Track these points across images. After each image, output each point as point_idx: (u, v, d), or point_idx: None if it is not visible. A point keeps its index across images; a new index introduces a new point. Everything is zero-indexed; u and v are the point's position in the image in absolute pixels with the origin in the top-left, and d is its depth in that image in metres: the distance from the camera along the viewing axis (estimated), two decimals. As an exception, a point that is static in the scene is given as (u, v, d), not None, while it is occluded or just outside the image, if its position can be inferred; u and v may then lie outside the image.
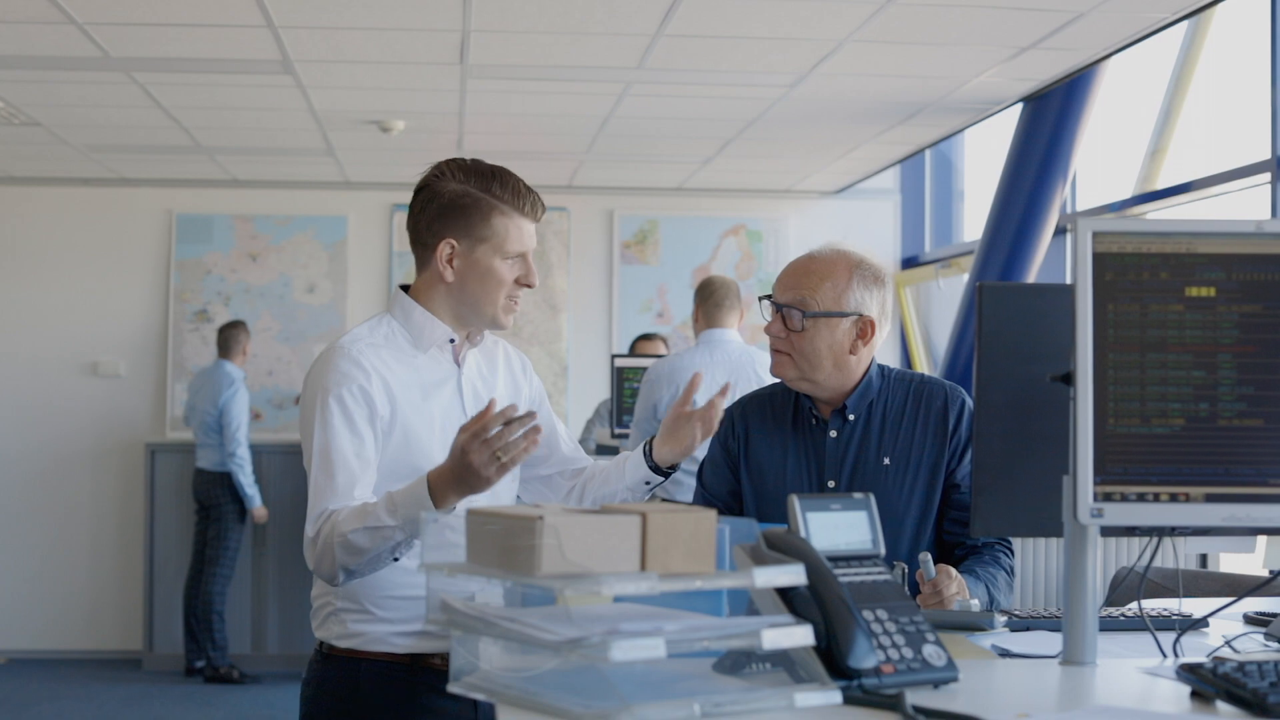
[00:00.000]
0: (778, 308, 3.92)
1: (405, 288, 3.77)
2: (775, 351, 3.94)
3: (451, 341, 3.73)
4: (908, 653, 2.52)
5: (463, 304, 3.69)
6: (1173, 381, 2.68)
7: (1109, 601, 4.41)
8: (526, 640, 2.30)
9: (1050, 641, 3.05)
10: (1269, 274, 2.69)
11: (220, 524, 10.91)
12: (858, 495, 2.71)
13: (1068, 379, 2.71)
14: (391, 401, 3.59)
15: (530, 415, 3.17)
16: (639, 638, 2.19)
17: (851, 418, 3.95)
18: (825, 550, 2.58)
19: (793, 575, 2.40)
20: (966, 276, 9.92)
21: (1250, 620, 3.48)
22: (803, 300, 3.88)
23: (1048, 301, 3.08)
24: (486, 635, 2.41)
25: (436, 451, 3.57)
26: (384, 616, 3.58)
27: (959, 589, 3.56)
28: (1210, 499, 2.67)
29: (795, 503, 2.64)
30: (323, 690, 3.70)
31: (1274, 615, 3.34)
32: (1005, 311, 3.13)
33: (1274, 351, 2.69)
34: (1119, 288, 2.68)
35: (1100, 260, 2.68)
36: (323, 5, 6.83)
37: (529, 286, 3.70)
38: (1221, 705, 2.42)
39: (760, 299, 4.02)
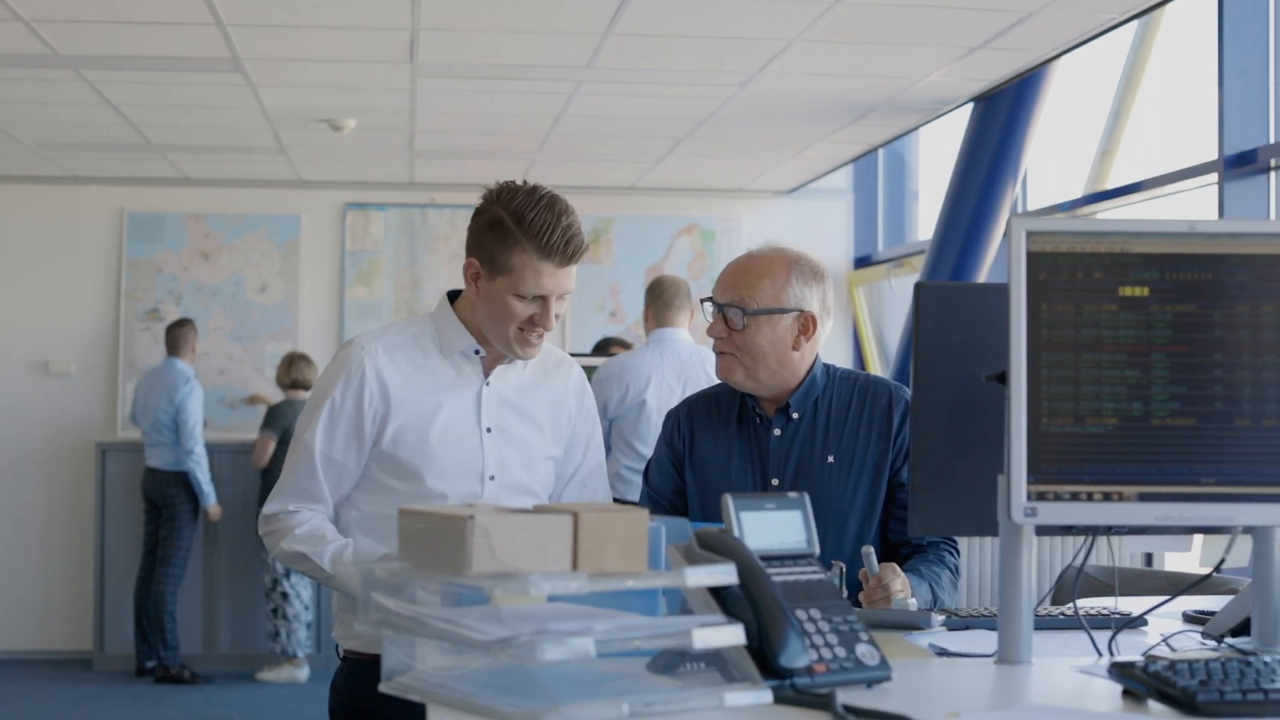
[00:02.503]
0: (718, 308, 3.92)
1: (457, 294, 3.84)
2: (720, 353, 3.94)
3: (478, 354, 3.77)
4: (840, 652, 2.51)
5: (482, 325, 3.75)
6: (1106, 381, 2.68)
7: (1054, 600, 4.43)
8: (456, 640, 2.29)
9: (988, 640, 3.05)
10: (1202, 274, 2.70)
11: (173, 523, 10.86)
12: (792, 494, 2.71)
13: (1003, 378, 2.71)
14: (387, 403, 3.70)
15: None
16: (568, 637, 2.19)
17: (795, 416, 3.95)
18: (759, 550, 2.57)
19: (724, 575, 2.39)
20: (918, 276, 9.93)
21: (1189, 619, 3.49)
22: (742, 299, 3.88)
23: (986, 301, 3.08)
24: (418, 635, 2.41)
25: (432, 453, 3.71)
26: None
27: (903, 586, 3.57)
28: (1143, 498, 2.68)
29: (729, 502, 2.63)
30: (336, 690, 3.86)
31: (1213, 614, 3.34)
32: (943, 311, 3.13)
33: (1207, 351, 2.69)
34: (1053, 287, 2.68)
35: (1034, 260, 2.68)
36: (271, 3, 6.83)
37: (543, 329, 3.70)
38: (1153, 704, 2.42)
39: (702, 301, 4.01)
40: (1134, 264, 2.69)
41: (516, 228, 3.59)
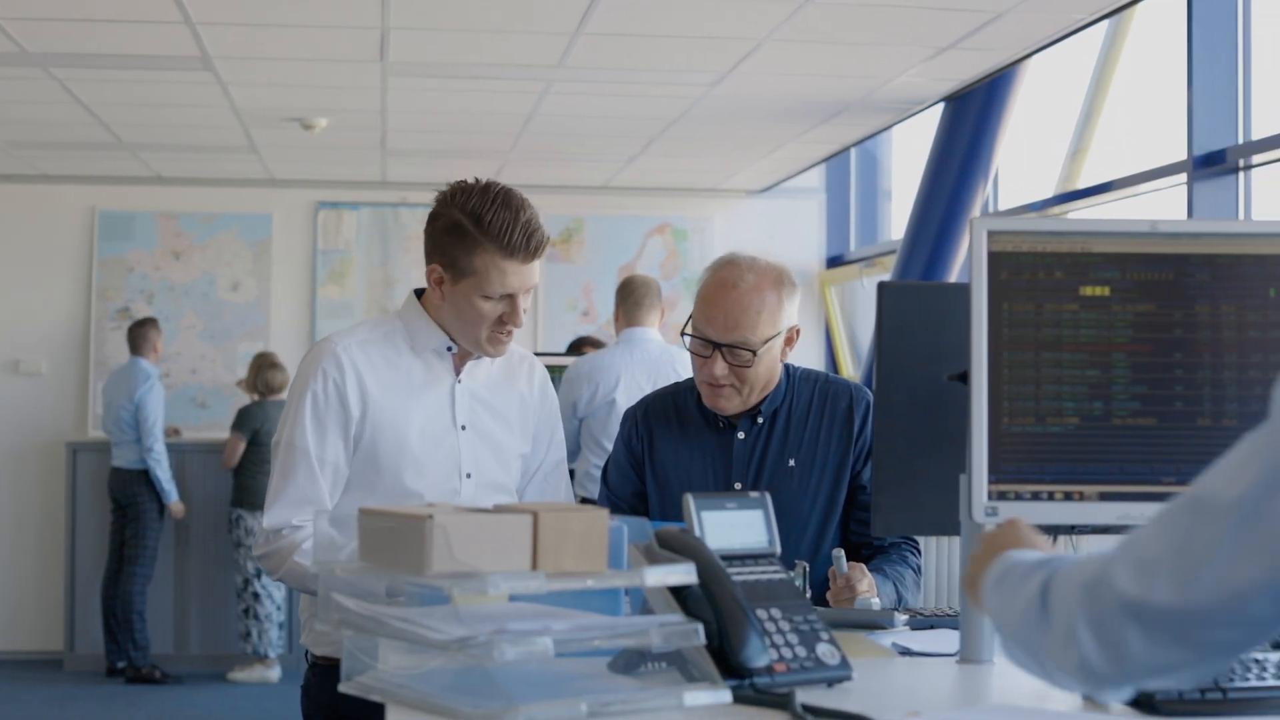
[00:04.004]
0: (718, 348, 3.83)
1: (423, 290, 3.78)
2: (717, 387, 3.87)
3: (450, 350, 3.74)
4: (801, 651, 2.51)
5: (449, 327, 3.71)
6: (1067, 380, 2.69)
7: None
8: (415, 640, 2.29)
9: (951, 640, 3.05)
10: (1162, 273, 2.70)
11: (139, 523, 10.83)
12: (753, 494, 2.71)
13: (965, 378, 2.72)
14: (364, 401, 3.66)
15: None
16: (526, 637, 2.18)
17: (760, 420, 3.94)
18: (720, 549, 2.57)
19: (683, 574, 2.39)
20: (890, 276, 9.93)
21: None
22: (747, 340, 3.80)
23: (948, 300, 3.08)
24: (377, 635, 2.40)
25: (412, 452, 3.67)
26: None
27: (869, 586, 3.57)
28: (1104, 497, 2.68)
29: (690, 501, 2.63)
30: (309, 696, 3.83)
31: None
32: (906, 310, 3.14)
33: (1167, 351, 2.70)
34: (1014, 287, 2.68)
35: (995, 259, 2.68)
36: (240, 2, 6.81)
37: (513, 326, 3.66)
38: (1113, 704, 2.43)
39: (687, 335, 3.89)
40: (1095, 264, 2.70)
41: (476, 229, 3.55)
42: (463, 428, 3.74)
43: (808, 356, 12.02)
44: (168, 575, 11.31)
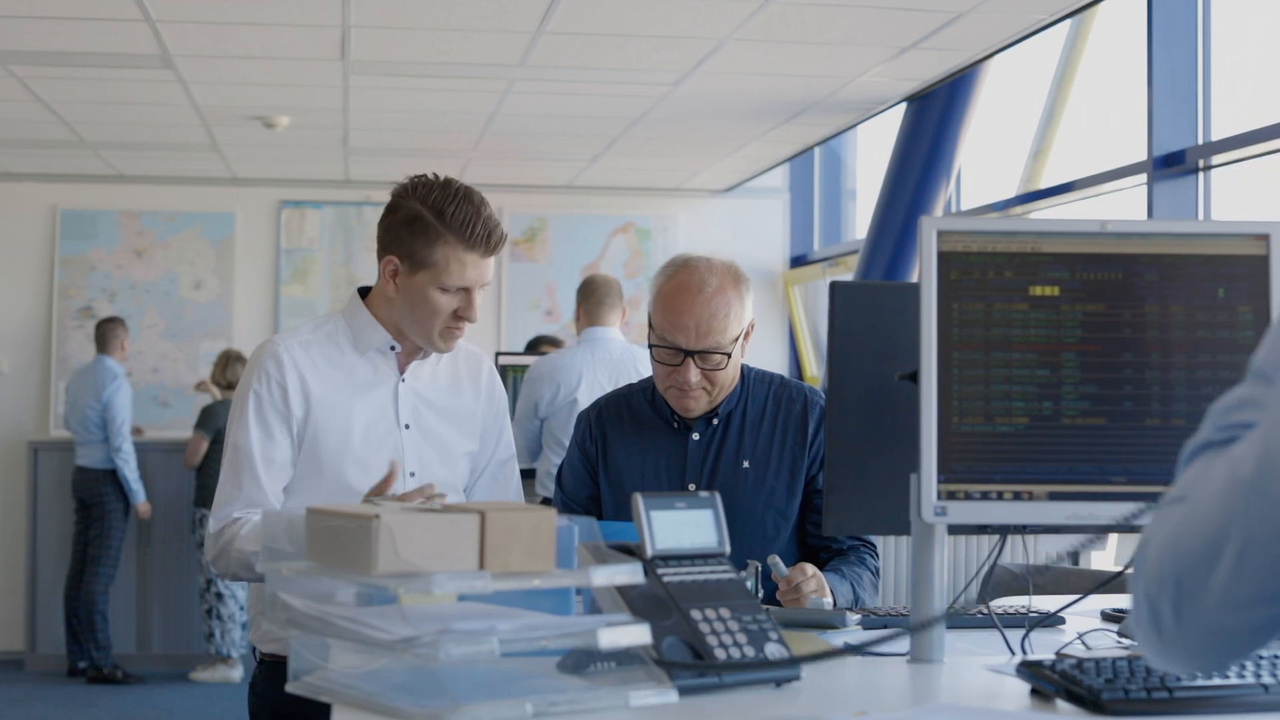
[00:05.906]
0: (690, 355, 3.81)
1: (366, 290, 3.78)
2: (685, 391, 3.85)
3: (394, 349, 3.73)
4: (749, 651, 2.51)
5: (401, 321, 3.70)
6: (1017, 380, 2.69)
7: (981, 599, 4.44)
8: (361, 640, 2.28)
9: (903, 639, 3.05)
10: (1112, 273, 2.71)
11: (103, 522, 10.79)
12: (703, 494, 2.70)
13: (915, 377, 2.72)
14: (307, 400, 3.66)
15: (432, 494, 3.23)
16: (471, 637, 2.18)
17: (716, 422, 3.94)
18: (670, 549, 2.57)
19: (630, 574, 2.39)
20: (853, 275, 9.95)
21: (1107, 617, 3.51)
22: (719, 344, 3.80)
23: (900, 300, 3.08)
24: (324, 635, 2.39)
25: (354, 451, 3.68)
26: None
27: (818, 585, 3.55)
28: (1053, 497, 2.69)
29: (639, 501, 2.63)
30: (256, 693, 3.81)
31: (1128, 612, 3.35)
32: (857, 310, 3.13)
33: (1117, 351, 2.70)
34: (963, 286, 2.69)
35: (945, 259, 2.69)
36: (200, 0, 6.78)
37: (468, 321, 3.65)
38: (1060, 703, 2.43)
39: (656, 345, 3.86)
40: (1044, 263, 2.70)
41: (438, 221, 3.55)
42: (406, 427, 3.74)
43: (771, 356, 12.04)
44: (130, 575, 11.27)
